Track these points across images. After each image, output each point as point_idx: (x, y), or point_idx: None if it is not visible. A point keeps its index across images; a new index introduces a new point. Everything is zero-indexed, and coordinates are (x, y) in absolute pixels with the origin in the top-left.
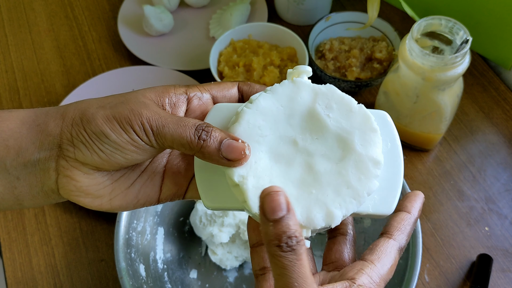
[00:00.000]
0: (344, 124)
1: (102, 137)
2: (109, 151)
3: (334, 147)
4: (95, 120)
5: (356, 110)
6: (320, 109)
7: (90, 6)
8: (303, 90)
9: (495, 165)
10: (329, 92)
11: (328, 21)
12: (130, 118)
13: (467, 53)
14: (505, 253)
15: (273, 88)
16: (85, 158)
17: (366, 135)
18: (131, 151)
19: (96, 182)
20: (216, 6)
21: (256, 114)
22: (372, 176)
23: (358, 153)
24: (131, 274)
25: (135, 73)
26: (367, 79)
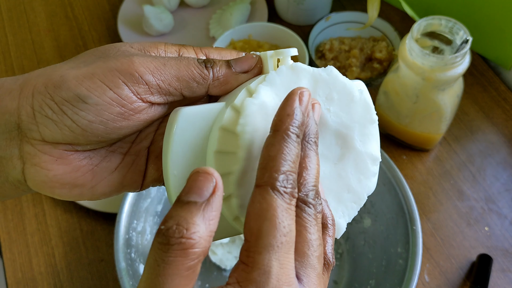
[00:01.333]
0: (344, 119)
1: (77, 102)
2: (85, 121)
3: (333, 144)
4: (66, 82)
5: (357, 99)
6: (320, 100)
7: (90, 6)
8: (303, 77)
9: (495, 165)
10: (331, 79)
11: (328, 21)
12: (118, 69)
13: (467, 53)
14: (505, 253)
15: (270, 78)
16: (54, 136)
17: (366, 129)
18: (115, 114)
19: (73, 168)
20: (216, 6)
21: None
22: (371, 175)
23: (358, 150)
24: (131, 274)
25: None
26: (367, 79)
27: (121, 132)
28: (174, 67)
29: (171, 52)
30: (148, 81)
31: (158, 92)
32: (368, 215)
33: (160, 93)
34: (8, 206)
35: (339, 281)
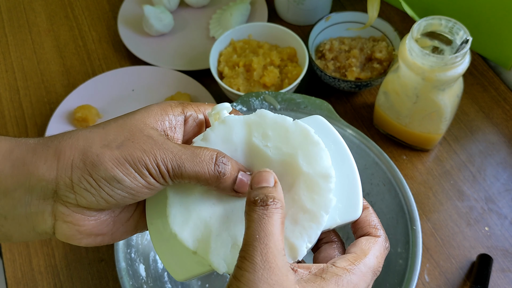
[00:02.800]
0: (284, 149)
1: (114, 182)
2: (120, 196)
3: (283, 175)
4: (103, 164)
5: (293, 129)
6: (257, 142)
7: (90, 6)
8: (235, 126)
9: (495, 165)
10: (261, 120)
11: (328, 21)
12: (145, 160)
13: (467, 53)
14: (505, 253)
15: (206, 135)
16: (90, 204)
17: (309, 152)
18: (144, 193)
19: (100, 223)
20: (216, 6)
21: None
22: (325, 192)
23: (305, 173)
24: (131, 274)
25: (135, 73)
26: (367, 79)
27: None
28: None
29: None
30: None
31: (174, 177)
32: None
33: (175, 178)
34: None
35: None
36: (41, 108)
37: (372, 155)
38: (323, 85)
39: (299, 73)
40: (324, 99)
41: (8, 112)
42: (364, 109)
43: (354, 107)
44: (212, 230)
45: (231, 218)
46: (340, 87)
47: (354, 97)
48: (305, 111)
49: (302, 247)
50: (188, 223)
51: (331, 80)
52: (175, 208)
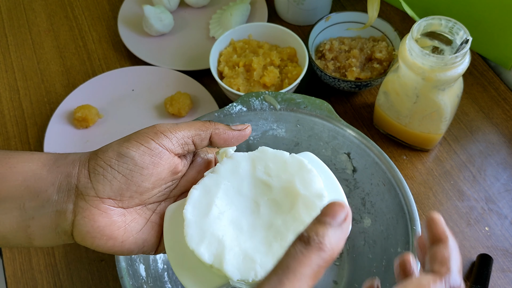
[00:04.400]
0: (284, 177)
1: (120, 157)
2: (127, 170)
3: (284, 199)
4: (111, 146)
5: (290, 161)
6: (260, 174)
7: (90, 6)
8: (241, 161)
9: (495, 165)
10: (262, 155)
11: (328, 21)
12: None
13: (467, 53)
14: (505, 253)
15: (216, 168)
16: (105, 188)
17: (304, 178)
18: (147, 162)
19: (112, 222)
20: (216, 6)
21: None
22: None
23: (303, 195)
24: (131, 274)
25: (135, 73)
26: (367, 79)
27: (152, 180)
28: (186, 123)
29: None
30: (167, 135)
31: (177, 141)
32: (368, 215)
33: (178, 142)
34: None
35: (339, 281)
36: (41, 108)
37: (372, 155)
38: (323, 85)
39: (299, 73)
40: (324, 99)
41: (8, 112)
42: (364, 109)
43: (354, 107)
44: (225, 246)
45: (241, 237)
46: (340, 87)
47: (354, 97)
48: (305, 111)
49: None
50: (204, 241)
51: (331, 80)
52: (191, 229)
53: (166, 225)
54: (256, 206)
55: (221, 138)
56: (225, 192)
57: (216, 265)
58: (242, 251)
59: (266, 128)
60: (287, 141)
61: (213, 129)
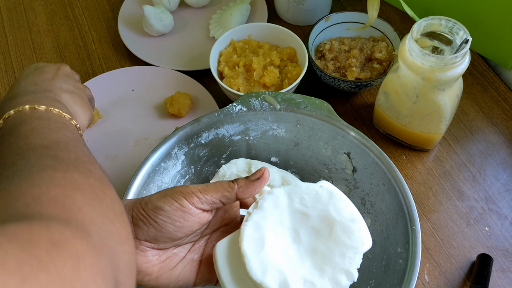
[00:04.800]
0: (319, 206)
1: (157, 209)
2: (161, 221)
3: (322, 226)
4: (152, 200)
5: (321, 192)
6: (298, 205)
7: (90, 6)
8: (280, 195)
9: (495, 165)
10: (297, 188)
11: (328, 21)
12: (180, 191)
13: (467, 53)
14: (505, 253)
15: (259, 204)
16: (143, 233)
17: (336, 205)
18: (179, 217)
19: (148, 260)
20: (216, 6)
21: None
22: (356, 231)
23: (338, 221)
24: None
25: (135, 73)
26: (367, 79)
27: (184, 231)
28: (214, 185)
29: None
30: (198, 195)
31: (206, 201)
32: (368, 215)
33: (207, 202)
34: None
35: None
36: None
37: (372, 155)
38: (323, 85)
39: (299, 73)
40: (324, 99)
41: None
42: (364, 109)
43: (354, 107)
44: (286, 274)
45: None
46: (340, 87)
47: (354, 97)
48: (305, 111)
49: (355, 272)
50: (267, 273)
51: (331, 80)
52: (254, 263)
53: (220, 261)
54: (297, 235)
55: (246, 193)
56: (272, 225)
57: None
58: (301, 277)
59: (266, 128)
60: (287, 141)
61: (237, 190)
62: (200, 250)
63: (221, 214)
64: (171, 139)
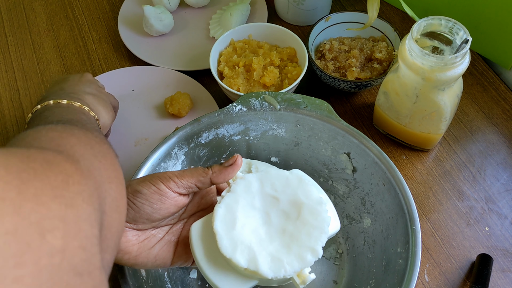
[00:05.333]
0: (288, 191)
1: (136, 193)
2: (140, 203)
3: (291, 209)
4: (131, 184)
5: (290, 177)
6: (269, 190)
7: (90, 6)
8: (252, 180)
9: (495, 165)
10: (268, 174)
11: (328, 21)
12: (157, 175)
13: (467, 53)
14: (505, 253)
15: (232, 188)
16: None
17: (304, 189)
18: (156, 199)
19: (127, 240)
20: (216, 6)
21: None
22: (323, 213)
23: (306, 204)
24: (131, 274)
25: (135, 73)
26: (367, 79)
27: (161, 212)
28: (190, 171)
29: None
30: (174, 180)
31: (182, 186)
32: (367, 215)
33: (183, 186)
34: None
35: (339, 281)
36: None
37: (372, 155)
38: (323, 85)
39: (299, 73)
40: (324, 99)
41: (8, 112)
42: (364, 109)
43: (354, 107)
44: (255, 251)
45: (263, 243)
46: (340, 87)
47: (354, 97)
48: (305, 111)
49: (320, 250)
50: (237, 249)
51: (331, 80)
52: (224, 241)
53: (194, 240)
54: (268, 217)
55: (219, 178)
56: (243, 207)
57: (252, 268)
58: (269, 254)
59: (266, 128)
60: (287, 141)
61: (211, 175)
62: (177, 232)
63: (198, 200)
64: (171, 139)
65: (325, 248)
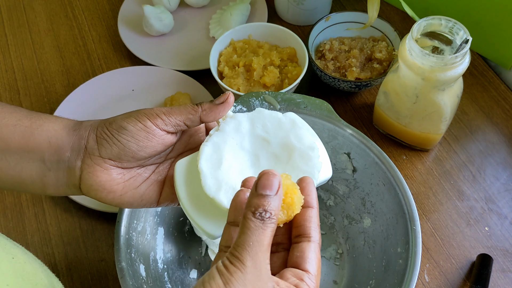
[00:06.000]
0: (280, 134)
1: (121, 129)
2: (125, 140)
3: (282, 152)
4: (116, 120)
5: (284, 120)
6: (259, 131)
7: (90, 6)
8: (242, 120)
9: (495, 165)
10: (260, 115)
11: (328, 21)
12: (144, 112)
13: (467, 53)
14: (505, 253)
15: (221, 127)
16: (106, 151)
17: (297, 133)
18: (142, 137)
19: (112, 178)
20: (216, 6)
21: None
22: (314, 158)
23: (298, 148)
24: (131, 274)
25: (135, 73)
26: (367, 79)
27: (147, 151)
28: (178, 108)
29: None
30: (162, 117)
31: (170, 123)
32: (368, 215)
33: (171, 124)
34: (7, 206)
35: (339, 281)
36: (41, 108)
37: (372, 155)
38: (323, 85)
39: (299, 73)
40: (324, 99)
41: None
42: (364, 109)
43: (354, 107)
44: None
45: None
46: (340, 87)
47: (354, 97)
48: (305, 111)
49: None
50: (221, 189)
51: (331, 80)
52: (208, 180)
53: (178, 178)
54: (257, 159)
55: (210, 116)
56: (231, 148)
57: None
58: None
59: None
60: None
61: (200, 112)
62: (164, 172)
63: (186, 139)
64: None
65: (325, 248)
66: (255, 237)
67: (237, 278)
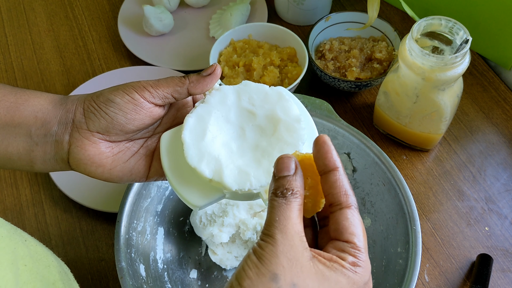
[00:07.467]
0: (266, 106)
1: (108, 102)
2: (113, 113)
3: (267, 124)
4: (103, 93)
5: (270, 92)
6: (245, 104)
7: (90, 6)
8: (228, 93)
9: (495, 165)
10: (247, 87)
11: (328, 21)
12: (131, 85)
13: (467, 53)
14: (505, 253)
15: (206, 99)
16: (94, 124)
17: (284, 105)
18: (130, 109)
19: (100, 152)
20: (216, 6)
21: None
22: (299, 129)
23: (283, 120)
24: (131, 274)
25: (135, 73)
26: (367, 79)
27: (135, 123)
28: (165, 80)
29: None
30: (149, 90)
31: (157, 96)
32: (368, 215)
33: (158, 96)
34: (7, 206)
35: None
36: None
37: (372, 155)
38: (323, 85)
39: (299, 73)
40: (324, 99)
41: None
42: (364, 109)
43: (354, 107)
44: (222, 163)
45: (233, 156)
46: (340, 87)
47: (354, 97)
48: None
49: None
50: (203, 160)
51: (331, 80)
52: (191, 150)
53: (163, 149)
54: (242, 132)
55: (197, 88)
56: (216, 120)
57: (216, 179)
58: (236, 167)
59: None
60: None
61: (188, 84)
62: (152, 146)
63: (174, 112)
64: None
65: None
66: (280, 213)
67: (268, 251)
